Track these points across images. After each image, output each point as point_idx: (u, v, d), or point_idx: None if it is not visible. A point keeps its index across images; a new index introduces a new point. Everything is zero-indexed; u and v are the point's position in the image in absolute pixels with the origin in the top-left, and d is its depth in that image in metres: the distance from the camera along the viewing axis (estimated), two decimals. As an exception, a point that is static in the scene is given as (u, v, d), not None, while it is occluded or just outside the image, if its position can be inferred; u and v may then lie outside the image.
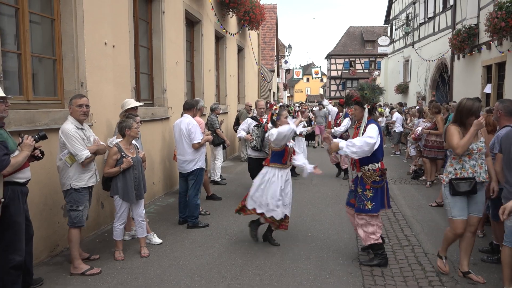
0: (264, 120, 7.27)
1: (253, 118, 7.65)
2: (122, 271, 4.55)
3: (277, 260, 4.88)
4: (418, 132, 9.39)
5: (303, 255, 5.06)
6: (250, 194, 5.30)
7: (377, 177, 4.70)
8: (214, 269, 4.62)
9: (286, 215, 5.31)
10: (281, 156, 5.23)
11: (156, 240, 5.42)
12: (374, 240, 4.72)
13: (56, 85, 5.19)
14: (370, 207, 4.67)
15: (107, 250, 5.10)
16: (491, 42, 12.09)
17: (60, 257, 4.89)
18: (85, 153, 4.30)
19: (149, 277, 4.42)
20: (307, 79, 63.52)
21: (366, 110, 4.79)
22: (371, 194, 4.68)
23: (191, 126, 6.03)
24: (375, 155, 4.67)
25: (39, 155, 3.80)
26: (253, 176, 6.77)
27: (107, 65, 5.93)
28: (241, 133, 7.44)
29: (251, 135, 7.19)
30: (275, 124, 5.42)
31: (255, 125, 7.26)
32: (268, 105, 8.75)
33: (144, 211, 5.07)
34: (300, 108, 20.08)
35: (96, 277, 4.38)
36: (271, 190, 5.16)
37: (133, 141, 5.12)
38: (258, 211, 5.23)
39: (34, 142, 3.70)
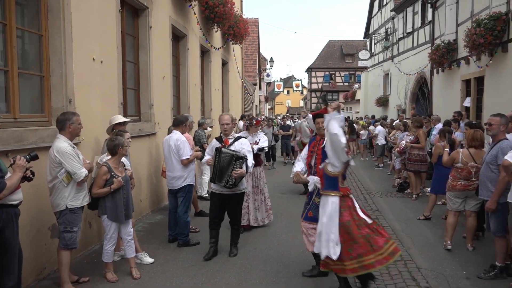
0: (230, 141, 5.44)
1: (218, 139, 5.63)
2: (114, 294, 4.41)
3: (272, 279, 4.81)
4: (403, 145, 9.53)
5: (298, 272, 5.00)
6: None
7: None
8: (208, 289, 4.53)
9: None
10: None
11: (148, 259, 5.29)
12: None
13: (44, 102, 5.06)
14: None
15: (96, 271, 4.94)
16: (469, 57, 12.42)
17: (47, 280, 4.71)
18: (84, 171, 4.22)
19: (142, 299, 4.30)
20: (288, 92, 64.07)
21: None
22: None
23: (180, 142, 5.96)
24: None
25: (30, 175, 3.68)
26: (213, 216, 5.51)
27: (96, 81, 5.83)
28: (206, 157, 5.66)
29: (210, 159, 5.46)
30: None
31: (216, 148, 5.38)
32: (254, 121, 6.91)
33: (132, 230, 4.95)
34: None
35: (87, 301, 4.23)
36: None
37: (123, 159, 5.03)
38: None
39: (26, 162, 3.58)
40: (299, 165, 4.84)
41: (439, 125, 10.02)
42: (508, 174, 4.26)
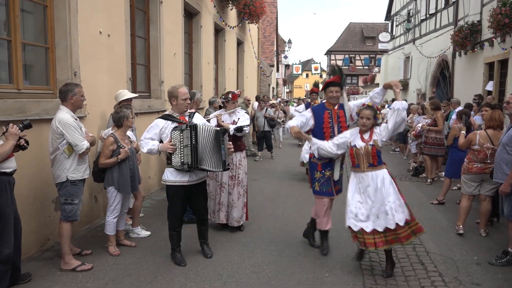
0: (187, 118, 4.49)
1: (167, 117, 4.45)
2: (115, 267, 4.40)
3: (275, 258, 4.73)
4: (419, 128, 9.26)
5: (301, 252, 4.91)
6: None
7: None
8: (209, 266, 4.48)
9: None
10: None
11: (145, 232, 5.38)
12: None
13: (49, 74, 5.01)
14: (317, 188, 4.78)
15: (99, 245, 4.94)
16: (493, 39, 11.93)
17: (50, 252, 4.73)
18: (86, 143, 4.17)
19: (142, 273, 4.27)
20: (307, 75, 63.17)
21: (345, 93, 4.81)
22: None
23: (188, 118, 5.84)
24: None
25: (24, 144, 3.65)
26: (178, 218, 4.54)
27: (102, 54, 5.75)
28: (150, 144, 4.30)
29: (171, 143, 4.26)
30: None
31: (175, 128, 4.30)
32: (231, 96, 5.57)
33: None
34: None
35: (87, 273, 4.23)
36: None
37: (129, 133, 5.01)
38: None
39: (19, 131, 3.54)
40: (296, 121, 4.79)
41: (459, 109, 9.68)
42: None
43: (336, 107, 4.76)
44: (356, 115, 4.56)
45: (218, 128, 4.47)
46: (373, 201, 4.19)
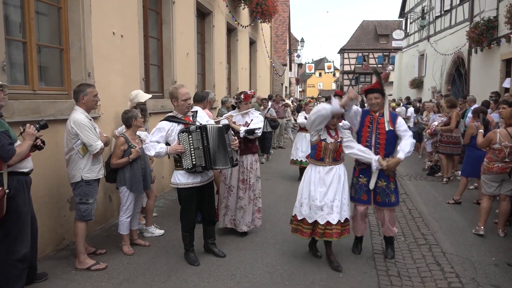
0: (191, 118, 4.45)
1: (171, 119, 4.38)
2: (129, 267, 4.42)
3: (288, 258, 4.70)
4: (434, 127, 9.13)
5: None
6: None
7: (395, 169, 4.60)
8: (223, 266, 4.47)
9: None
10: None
11: (159, 231, 5.41)
12: (396, 230, 4.84)
13: (63, 75, 5.06)
14: (393, 200, 4.58)
15: (114, 244, 4.98)
16: (510, 35, 11.71)
17: (66, 251, 4.78)
18: (100, 144, 4.20)
19: (156, 273, 4.29)
20: (320, 74, 62.91)
21: (387, 100, 4.65)
22: (394, 187, 4.59)
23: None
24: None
25: (41, 144, 3.70)
26: (193, 218, 4.55)
27: (115, 55, 5.79)
28: (158, 147, 4.22)
29: (180, 146, 4.21)
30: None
31: (183, 131, 4.24)
32: (243, 96, 5.34)
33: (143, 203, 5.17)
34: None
35: (102, 272, 4.25)
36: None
37: (142, 133, 5.04)
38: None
39: (36, 131, 3.58)
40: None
41: (475, 106, 9.51)
42: None
43: (377, 114, 4.57)
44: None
45: (220, 126, 4.41)
46: (333, 194, 4.30)
